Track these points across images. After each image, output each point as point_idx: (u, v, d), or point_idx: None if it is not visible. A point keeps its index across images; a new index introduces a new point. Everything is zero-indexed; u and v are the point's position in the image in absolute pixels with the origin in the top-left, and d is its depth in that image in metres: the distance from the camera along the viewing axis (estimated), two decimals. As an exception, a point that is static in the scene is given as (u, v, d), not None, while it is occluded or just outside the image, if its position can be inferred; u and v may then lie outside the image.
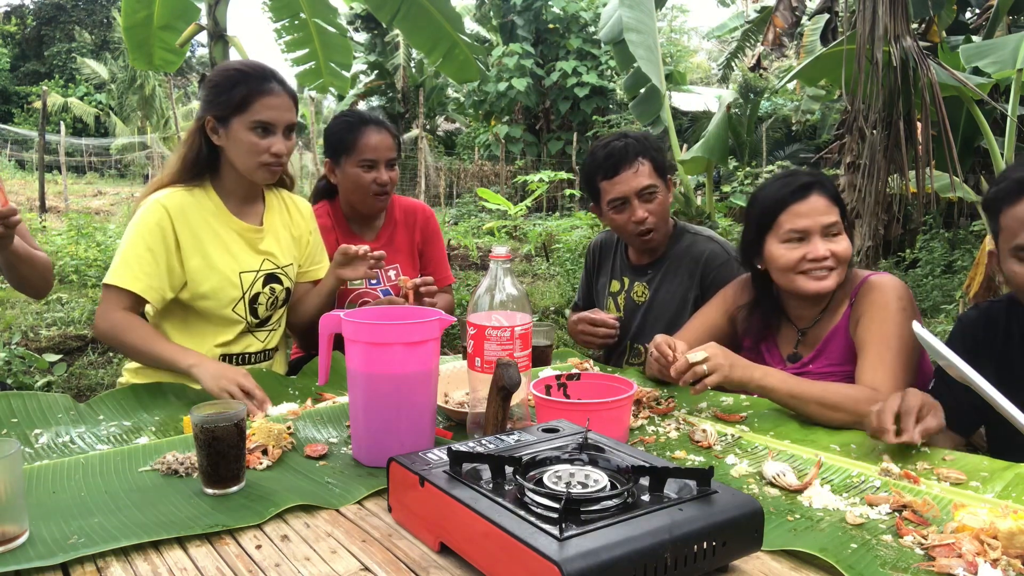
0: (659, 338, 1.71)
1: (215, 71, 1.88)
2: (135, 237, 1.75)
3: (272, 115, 1.78)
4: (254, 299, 1.89)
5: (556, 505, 0.91)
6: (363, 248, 1.93)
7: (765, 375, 1.56)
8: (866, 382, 1.55)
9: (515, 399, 1.30)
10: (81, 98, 27.76)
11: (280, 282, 1.94)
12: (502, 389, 1.25)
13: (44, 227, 9.10)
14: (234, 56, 4.67)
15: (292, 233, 2.01)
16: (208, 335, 1.86)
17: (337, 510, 1.15)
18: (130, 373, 1.89)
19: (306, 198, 2.17)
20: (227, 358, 1.88)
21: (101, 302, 1.76)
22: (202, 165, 1.84)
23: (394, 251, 2.38)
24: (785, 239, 1.69)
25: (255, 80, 1.78)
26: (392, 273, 2.37)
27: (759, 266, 1.78)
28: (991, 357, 1.49)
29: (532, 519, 0.89)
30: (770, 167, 10.68)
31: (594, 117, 16.34)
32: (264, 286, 1.90)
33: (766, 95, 14.06)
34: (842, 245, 1.68)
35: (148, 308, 1.85)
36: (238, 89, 1.76)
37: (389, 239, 2.39)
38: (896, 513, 1.12)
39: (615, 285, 2.30)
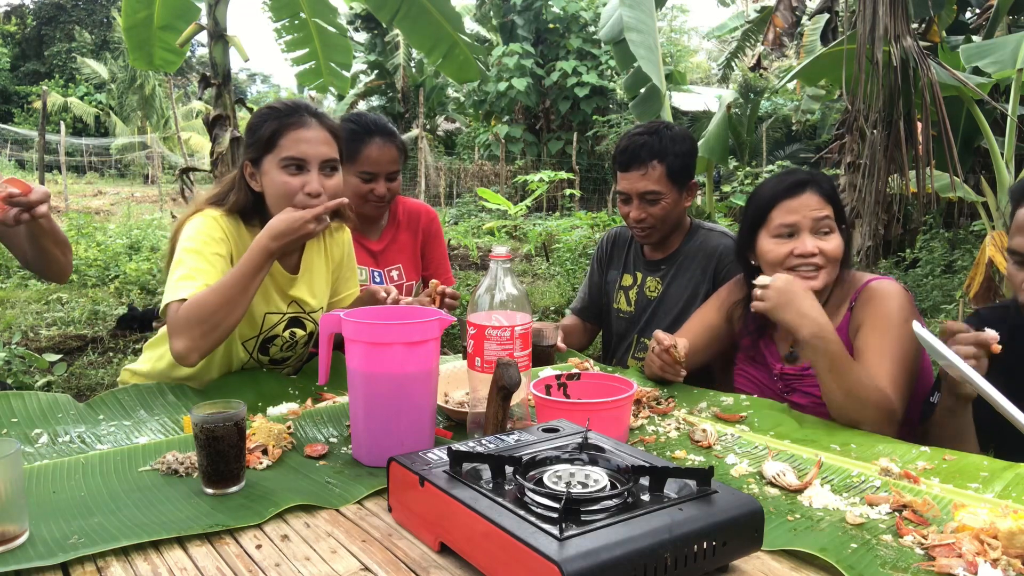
0: (659, 333, 1.71)
1: (254, 113, 1.76)
2: (195, 248, 1.61)
3: (303, 149, 1.64)
4: (269, 340, 1.81)
5: (556, 505, 0.91)
6: (391, 294, 1.88)
7: (810, 338, 1.51)
8: None
9: (515, 399, 1.30)
10: (81, 98, 27.74)
11: (303, 327, 1.86)
12: (502, 389, 1.25)
13: (44, 227, 9.07)
14: (234, 56, 4.66)
15: (326, 270, 1.91)
16: (215, 365, 1.79)
17: (337, 510, 1.15)
18: (130, 373, 1.89)
19: None
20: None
21: (168, 321, 1.58)
22: (249, 214, 1.73)
23: (397, 251, 2.39)
24: (775, 233, 1.70)
25: (285, 114, 1.66)
26: (395, 273, 2.38)
27: (752, 261, 1.78)
28: (998, 364, 1.48)
29: (532, 519, 0.89)
30: (770, 167, 10.69)
31: (594, 117, 16.33)
32: (285, 330, 1.83)
33: (766, 95, 14.06)
34: (832, 243, 1.67)
35: (163, 330, 1.71)
36: (267, 126, 1.65)
37: (392, 240, 2.39)
38: (896, 513, 1.12)
39: (627, 279, 2.31)
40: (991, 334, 1.36)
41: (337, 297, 1.98)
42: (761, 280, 1.59)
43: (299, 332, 1.86)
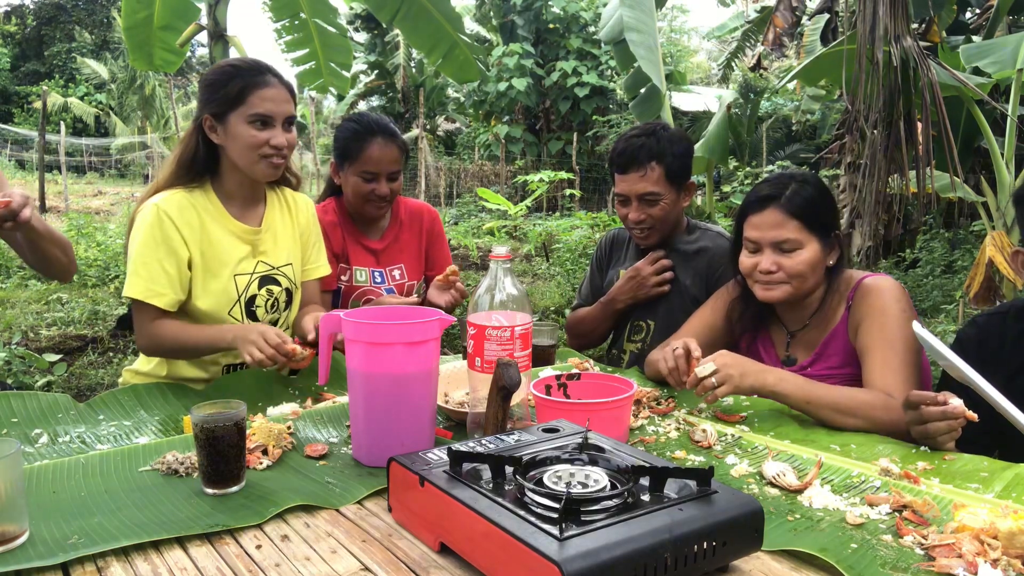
0: (688, 341, 1.61)
1: (210, 70, 1.85)
2: (140, 247, 1.72)
3: (269, 107, 1.75)
4: (250, 302, 1.85)
5: (556, 505, 0.91)
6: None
7: (779, 381, 1.53)
8: (877, 387, 1.54)
9: (515, 399, 1.30)
10: (81, 98, 27.74)
11: (277, 283, 1.90)
12: (502, 389, 1.25)
13: (44, 227, 9.07)
14: (234, 56, 4.67)
15: (293, 231, 1.97)
16: None
17: (337, 510, 1.16)
18: (130, 373, 1.89)
19: (312, 198, 2.16)
20: (232, 368, 1.86)
21: (134, 317, 1.76)
22: (200, 166, 1.81)
23: (398, 251, 2.39)
24: (745, 246, 1.74)
25: (250, 73, 1.75)
26: (396, 273, 2.38)
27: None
28: (996, 371, 1.47)
29: (532, 519, 0.89)
30: (770, 167, 10.69)
31: (594, 117, 16.34)
32: (260, 288, 1.87)
33: (766, 95, 14.06)
34: (794, 260, 1.67)
35: None
36: (234, 83, 1.73)
37: (394, 239, 2.39)
38: (896, 513, 1.12)
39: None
40: (957, 407, 1.29)
41: (310, 265, 2.03)
42: (704, 370, 1.50)
43: (275, 288, 1.90)
